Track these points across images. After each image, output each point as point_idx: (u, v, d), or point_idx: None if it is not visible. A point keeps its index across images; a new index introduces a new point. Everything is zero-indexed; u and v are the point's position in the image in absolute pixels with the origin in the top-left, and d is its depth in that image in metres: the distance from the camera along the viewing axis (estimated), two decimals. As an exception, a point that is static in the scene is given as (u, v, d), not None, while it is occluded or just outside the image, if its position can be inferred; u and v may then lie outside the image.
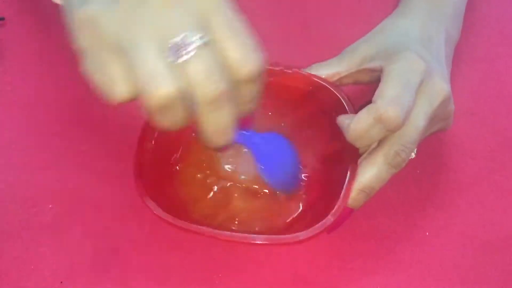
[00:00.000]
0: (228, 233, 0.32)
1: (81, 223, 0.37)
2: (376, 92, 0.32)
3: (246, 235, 0.32)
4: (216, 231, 0.31)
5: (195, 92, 0.24)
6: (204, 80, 0.23)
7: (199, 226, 0.31)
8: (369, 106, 0.32)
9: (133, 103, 0.25)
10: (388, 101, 0.31)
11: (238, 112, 0.26)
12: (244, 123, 0.28)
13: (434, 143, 0.40)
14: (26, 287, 0.35)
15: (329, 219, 0.31)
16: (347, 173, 0.33)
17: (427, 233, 0.37)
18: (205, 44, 0.23)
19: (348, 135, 0.32)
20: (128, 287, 0.35)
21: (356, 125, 0.32)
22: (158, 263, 0.36)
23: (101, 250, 0.36)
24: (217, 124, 0.25)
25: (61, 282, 0.35)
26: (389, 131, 0.32)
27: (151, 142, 0.35)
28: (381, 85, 0.32)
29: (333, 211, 0.32)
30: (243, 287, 0.35)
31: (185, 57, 0.23)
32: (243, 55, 0.24)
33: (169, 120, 0.25)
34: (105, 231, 0.37)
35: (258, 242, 0.31)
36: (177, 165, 0.38)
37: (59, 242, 0.36)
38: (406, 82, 0.32)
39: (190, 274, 0.36)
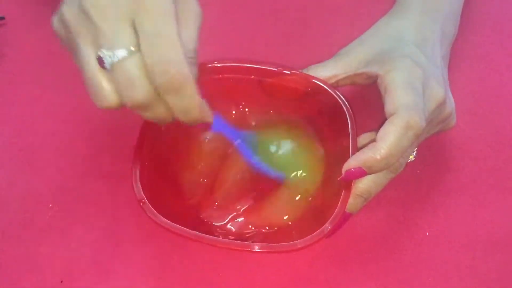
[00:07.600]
0: (226, 240, 0.31)
1: (81, 222, 0.37)
2: (390, 102, 0.32)
3: (243, 242, 0.31)
4: (214, 238, 0.31)
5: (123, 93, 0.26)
6: (128, 86, 0.26)
7: (197, 233, 0.31)
8: (391, 119, 0.31)
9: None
10: (410, 107, 0.31)
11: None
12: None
13: (434, 143, 0.40)
14: (26, 286, 0.35)
15: (327, 227, 0.31)
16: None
17: (427, 233, 0.37)
18: (130, 53, 0.25)
19: (382, 152, 0.30)
20: (128, 286, 0.35)
21: (388, 138, 0.30)
22: (158, 263, 0.36)
23: (101, 249, 0.36)
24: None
25: (61, 281, 0.35)
26: (417, 137, 0.31)
27: (149, 145, 0.34)
28: (390, 95, 0.32)
29: (331, 218, 0.31)
30: (243, 287, 0.35)
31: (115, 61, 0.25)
32: (158, 64, 0.25)
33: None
34: (105, 230, 0.37)
35: (256, 250, 0.31)
36: (176, 168, 0.38)
37: (59, 242, 0.37)
38: (414, 89, 0.32)
39: (190, 274, 0.36)
